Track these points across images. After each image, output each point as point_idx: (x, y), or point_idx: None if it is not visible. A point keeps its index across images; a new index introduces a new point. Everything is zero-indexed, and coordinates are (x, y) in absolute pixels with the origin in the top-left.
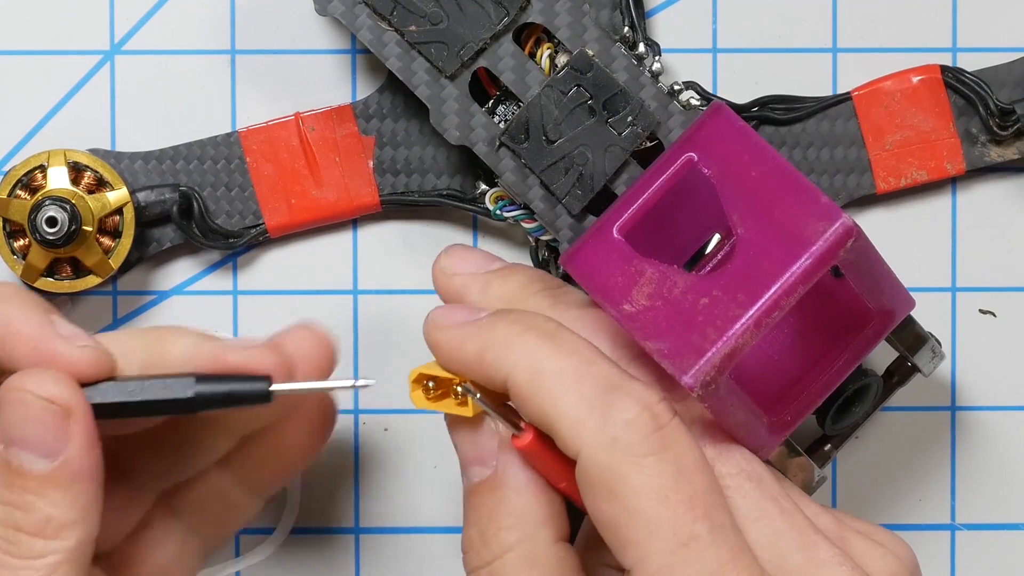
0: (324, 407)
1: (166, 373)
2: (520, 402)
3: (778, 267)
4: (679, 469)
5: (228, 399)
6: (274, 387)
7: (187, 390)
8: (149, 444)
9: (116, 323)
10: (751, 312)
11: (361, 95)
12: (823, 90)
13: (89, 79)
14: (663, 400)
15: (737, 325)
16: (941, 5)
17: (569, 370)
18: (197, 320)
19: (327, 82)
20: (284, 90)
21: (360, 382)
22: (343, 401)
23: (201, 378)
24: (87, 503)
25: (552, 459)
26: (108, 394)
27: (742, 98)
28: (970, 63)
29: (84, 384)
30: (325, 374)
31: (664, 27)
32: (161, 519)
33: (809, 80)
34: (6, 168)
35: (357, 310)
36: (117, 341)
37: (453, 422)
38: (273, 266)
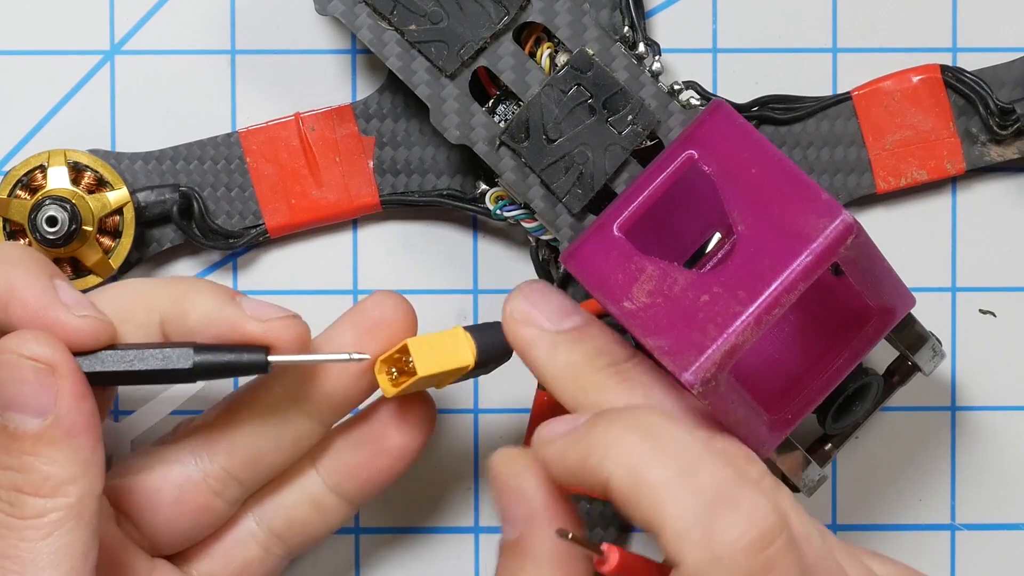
0: (423, 410)
1: (166, 342)
2: (623, 508)
3: (779, 264)
4: None
5: (226, 369)
6: (272, 358)
7: (186, 361)
8: (226, 439)
9: None
10: (752, 309)
11: (361, 95)
12: (823, 90)
13: (89, 79)
14: (773, 514)
15: (738, 322)
16: (941, 5)
17: (672, 479)
18: None
19: (327, 82)
20: (284, 90)
21: (355, 356)
22: None
23: (199, 348)
24: (85, 458)
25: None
26: (107, 363)
27: (742, 98)
28: (970, 63)
29: (83, 353)
30: (408, 335)
31: (664, 27)
32: (247, 521)
33: (809, 80)
34: (6, 168)
35: None
36: (142, 290)
37: (496, 472)
38: (273, 266)
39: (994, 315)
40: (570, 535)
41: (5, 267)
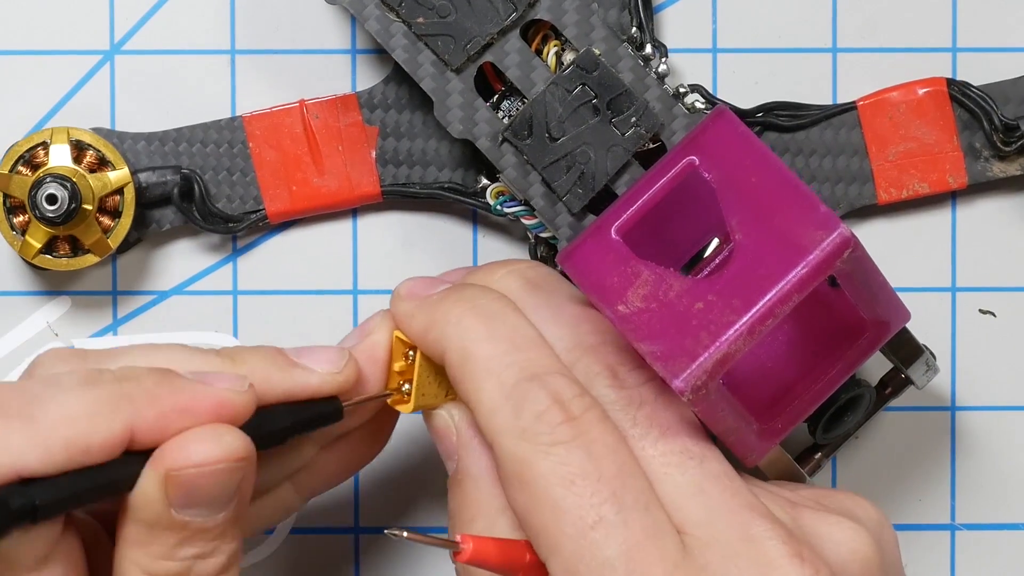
0: (383, 416)
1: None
2: (453, 382)
3: (774, 274)
4: (588, 455)
5: (308, 425)
6: (344, 405)
7: (285, 420)
8: None
9: (116, 323)
10: (745, 319)
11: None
12: (823, 91)
13: (89, 79)
14: (580, 394)
15: (730, 331)
16: (941, 5)
17: (496, 356)
18: (197, 320)
19: (327, 82)
20: (284, 90)
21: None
22: None
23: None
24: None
25: (499, 556)
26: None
27: (742, 97)
28: (970, 63)
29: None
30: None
31: (664, 27)
32: None
33: (809, 80)
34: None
35: (357, 310)
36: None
37: (426, 421)
38: (273, 264)
39: (994, 315)
40: (406, 534)
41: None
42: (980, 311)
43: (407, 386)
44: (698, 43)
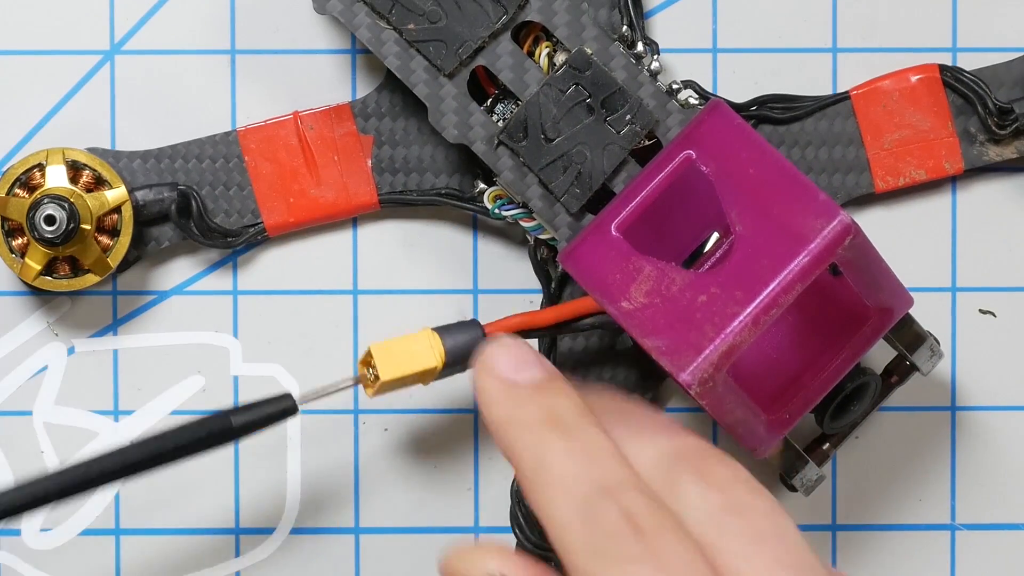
0: None
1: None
2: (524, 490)
3: (776, 264)
4: (659, 572)
5: (265, 422)
6: (299, 401)
7: (225, 424)
8: None
9: (116, 323)
10: (749, 309)
11: (361, 95)
12: (823, 90)
13: (89, 79)
14: (655, 509)
15: (735, 322)
16: (941, 5)
17: (570, 471)
18: (197, 320)
19: (327, 82)
20: (284, 90)
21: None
22: (343, 401)
23: (234, 411)
24: None
25: None
26: None
27: (742, 97)
28: (970, 63)
29: None
30: None
31: (664, 27)
32: None
33: (809, 80)
34: (5, 167)
35: (357, 310)
36: None
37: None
38: (273, 266)
39: (994, 315)
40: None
41: None
42: (980, 311)
43: (372, 376)
44: (698, 43)
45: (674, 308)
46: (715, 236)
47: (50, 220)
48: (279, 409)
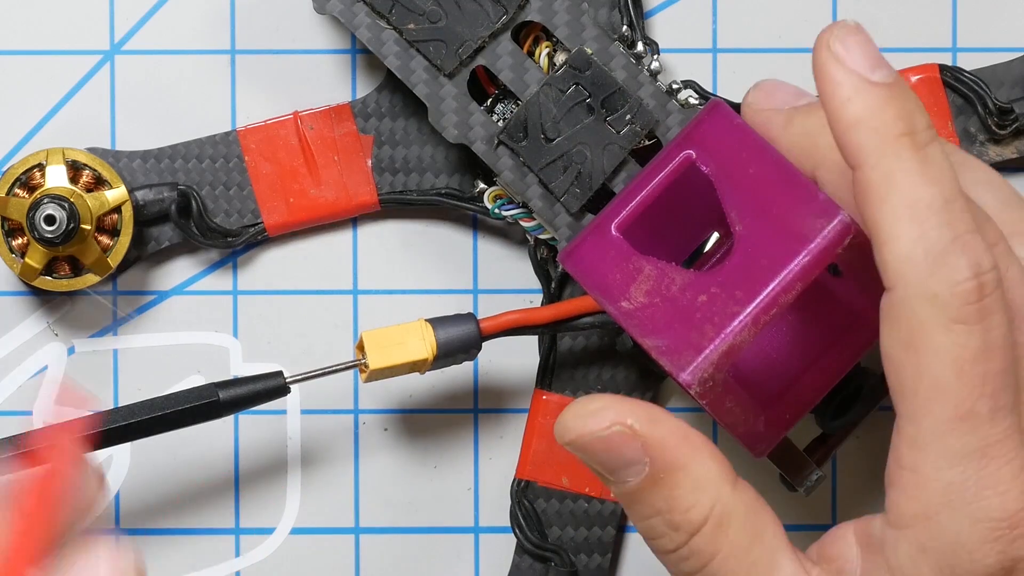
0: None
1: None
2: (859, 198)
3: (776, 264)
4: (984, 345)
5: (253, 398)
6: (290, 380)
7: (211, 396)
8: None
9: (116, 323)
10: (749, 309)
11: (361, 94)
12: None
13: (89, 79)
14: (994, 269)
15: (735, 322)
16: (941, 5)
17: (924, 201)
18: (197, 320)
19: (327, 82)
20: (284, 90)
21: (360, 361)
22: (343, 401)
23: (221, 385)
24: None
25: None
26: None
27: (742, 98)
28: (970, 63)
29: None
30: None
31: (664, 27)
32: None
33: (810, 80)
34: (5, 167)
35: (357, 310)
36: None
37: (579, 443)
38: (273, 266)
39: None
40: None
41: None
42: None
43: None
44: (698, 43)
45: (674, 308)
46: (715, 236)
47: (50, 220)
48: (270, 386)
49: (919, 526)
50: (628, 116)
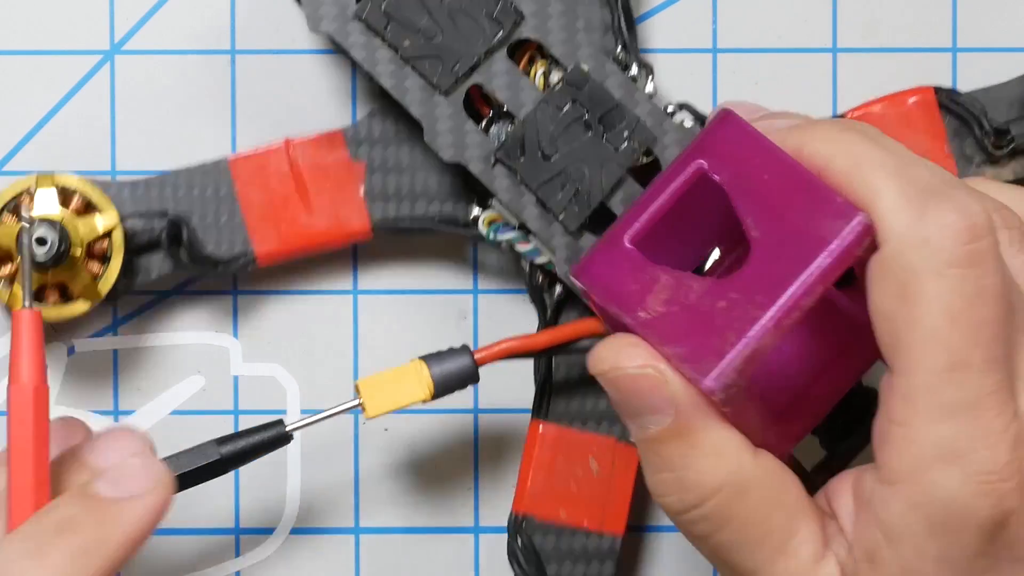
0: None
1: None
2: (843, 188)
3: (796, 267)
4: (978, 291)
5: (254, 451)
6: (290, 428)
7: (214, 453)
8: None
9: (116, 323)
10: (771, 313)
11: (362, 101)
12: (824, 91)
13: (89, 79)
14: (986, 214)
15: (757, 326)
16: (941, 6)
17: (890, 164)
18: (197, 320)
19: (327, 81)
20: (284, 90)
21: (358, 402)
22: None
23: (221, 440)
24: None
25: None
26: None
27: (741, 98)
28: (970, 63)
29: None
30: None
31: (664, 27)
32: None
33: (810, 80)
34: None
35: (357, 310)
36: None
37: (612, 380)
38: (273, 266)
39: None
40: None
41: None
42: None
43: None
44: (698, 43)
45: (694, 315)
46: (716, 253)
47: (41, 241)
48: (269, 437)
49: (910, 482)
50: (626, 133)
